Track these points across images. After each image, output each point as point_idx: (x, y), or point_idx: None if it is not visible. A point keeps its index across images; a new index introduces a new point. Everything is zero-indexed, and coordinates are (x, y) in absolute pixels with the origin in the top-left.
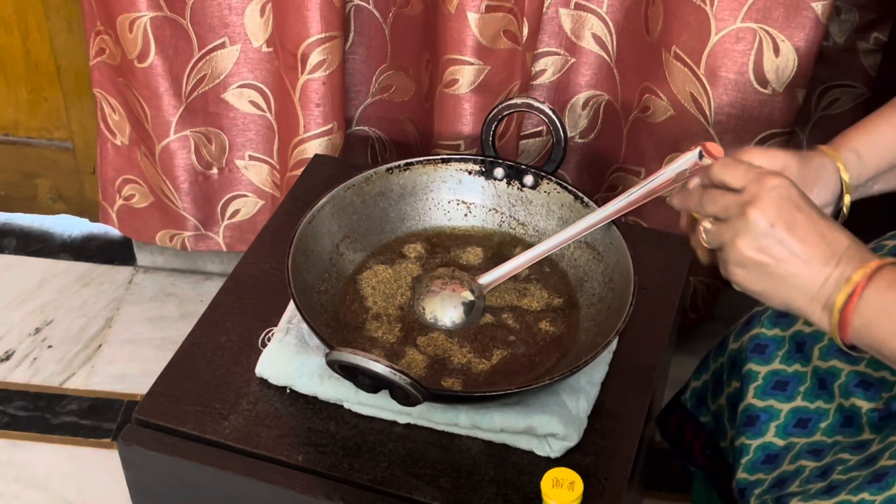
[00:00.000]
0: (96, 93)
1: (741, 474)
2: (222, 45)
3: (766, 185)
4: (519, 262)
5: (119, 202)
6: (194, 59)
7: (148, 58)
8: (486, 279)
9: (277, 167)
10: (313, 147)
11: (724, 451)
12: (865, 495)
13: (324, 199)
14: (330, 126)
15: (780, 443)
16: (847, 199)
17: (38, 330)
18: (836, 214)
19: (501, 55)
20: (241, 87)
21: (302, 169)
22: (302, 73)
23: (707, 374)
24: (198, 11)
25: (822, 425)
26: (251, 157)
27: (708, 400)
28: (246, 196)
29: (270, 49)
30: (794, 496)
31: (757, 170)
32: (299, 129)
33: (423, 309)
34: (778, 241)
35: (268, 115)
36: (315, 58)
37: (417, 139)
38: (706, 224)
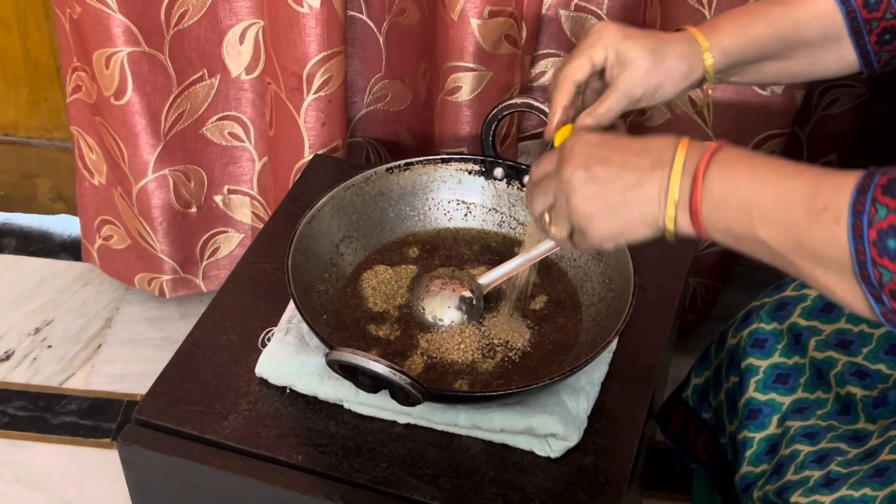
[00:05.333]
0: (73, 130)
1: (746, 468)
2: (201, 79)
3: (565, 149)
4: (518, 262)
5: (99, 242)
6: (173, 95)
7: (125, 95)
8: (485, 279)
9: (259, 199)
10: None
11: (724, 448)
12: (867, 490)
13: (324, 199)
14: (336, 143)
15: (780, 430)
16: (709, 88)
17: (37, 330)
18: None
19: (503, 60)
20: (220, 119)
21: None
22: (308, 94)
23: (709, 371)
24: (176, 45)
25: (819, 412)
26: (231, 191)
27: (710, 396)
28: (226, 231)
29: (251, 76)
30: (793, 489)
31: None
32: (304, 151)
33: (423, 309)
34: (597, 176)
35: (248, 145)
36: (320, 77)
37: (414, 147)
38: (545, 217)
